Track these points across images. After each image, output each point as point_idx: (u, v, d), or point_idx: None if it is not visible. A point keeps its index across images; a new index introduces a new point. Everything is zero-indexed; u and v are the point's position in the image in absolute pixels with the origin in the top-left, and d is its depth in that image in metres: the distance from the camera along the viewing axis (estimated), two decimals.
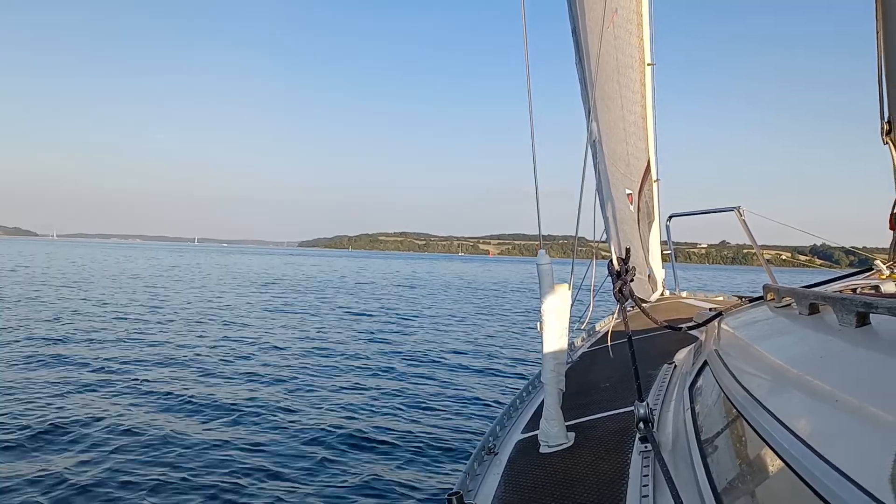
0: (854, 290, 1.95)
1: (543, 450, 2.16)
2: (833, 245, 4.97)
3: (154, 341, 11.03)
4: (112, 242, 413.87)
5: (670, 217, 6.33)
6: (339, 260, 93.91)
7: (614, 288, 2.33)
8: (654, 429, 1.79)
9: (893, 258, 2.73)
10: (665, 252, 6.89)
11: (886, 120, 2.59)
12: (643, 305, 2.53)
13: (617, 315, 2.67)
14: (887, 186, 2.70)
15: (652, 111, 6.03)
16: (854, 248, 4.42)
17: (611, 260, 2.45)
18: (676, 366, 2.72)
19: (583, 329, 4.76)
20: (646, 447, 1.73)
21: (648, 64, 5.79)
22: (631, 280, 2.36)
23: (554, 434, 2.17)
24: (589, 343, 4.50)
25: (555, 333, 2.28)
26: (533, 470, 2.02)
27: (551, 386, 2.24)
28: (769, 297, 1.86)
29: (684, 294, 6.99)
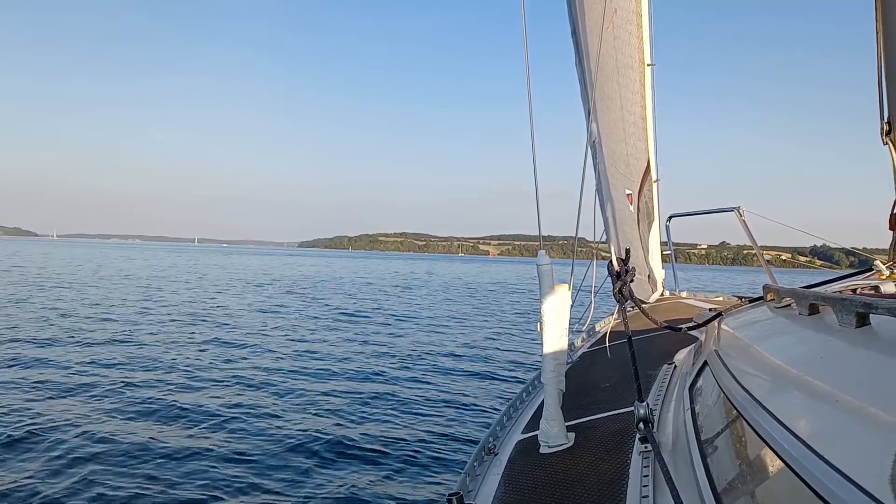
0: (854, 291, 1.95)
1: (543, 450, 2.16)
2: (833, 246, 4.96)
3: (139, 343, 10.68)
4: (112, 243, 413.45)
5: (670, 217, 6.33)
6: (339, 261, 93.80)
7: (614, 288, 2.34)
8: (654, 429, 1.79)
9: (893, 258, 2.73)
10: (665, 252, 6.89)
11: (886, 120, 2.59)
12: (643, 306, 2.53)
13: (617, 315, 2.68)
14: (887, 187, 2.70)
15: (652, 111, 6.04)
16: (854, 249, 4.41)
17: (610, 261, 2.45)
18: (676, 366, 2.72)
19: (583, 329, 4.76)
20: (646, 447, 1.73)
21: (648, 64, 5.80)
22: (631, 281, 2.36)
23: (554, 434, 2.17)
24: (589, 343, 4.50)
25: (555, 334, 2.28)
26: (533, 470, 2.02)
27: (551, 386, 2.24)
28: (769, 298, 1.86)
29: (684, 294, 7.00)
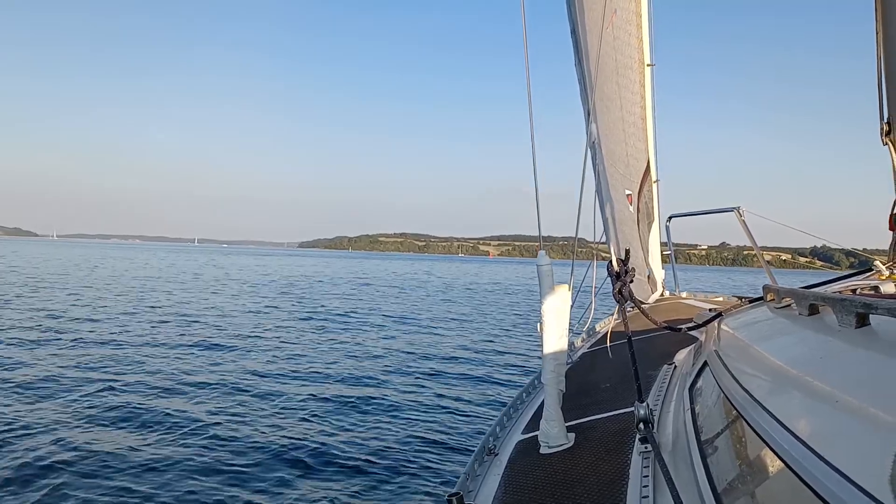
0: (854, 291, 1.95)
1: (543, 450, 2.16)
2: (833, 246, 4.96)
3: (122, 345, 10.47)
4: (112, 243, 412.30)
5: (670, 218, 6.33)
6: (338, 261, 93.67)
7: (614, 289, 2.34)
8: (654, 429, 1.79)
9: (893, 259, 2.73)
10: (665, 253, 6.89)
11: (886, 121, 2.59)
12: (643, 306, 2.54)
13: (617, 316, 2.68)
14: (887, 187, 2.70)
15: (651, 112, 6.04)
16: (854, 250, 4.41)
17: (610, 261, 2.46)
18: (676, 366, 2.72)
19: (583, 330, 4.76)
20: (646, 448, 1.73)
21: (648, 65, 5.79)
22: (630, 281, 2.36)
23: (554, 435, 2.17)
24: (589, 344, 4.50)
25: (555, 334, 2.28)
26: (533, 471, 2.02)
27: (551, 387, 2.24)
28: (769, 298, 1.86)
29: (684, 295, 6.99)
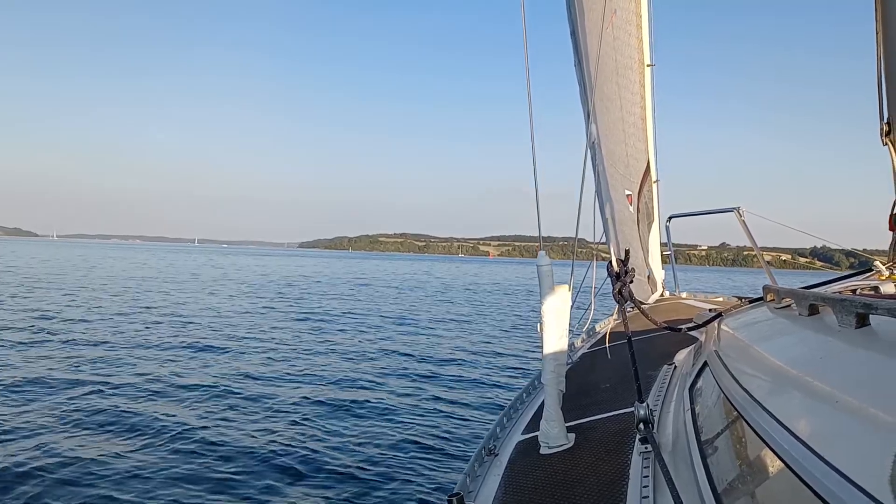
0: (854, 291, 1.95)
1: (544, 451, 2.16)
2: (833, 247, 4.96)
3: (113, 346, 10.25)
4: (112, 243, 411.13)
5: (670, 218, 6.33)
6: (338, 261, 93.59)
7: (614, 289, 2.34)
8: (655, 430, 1.79)
9: (893, 259, 2.73)
10: (665, 253, 6.89)
11: (886, 121, 2.59)
12: (643, 307, 2.54)
13: (616, 316, 2.68)
14: (887, 187, 2.70)
15: (651, 112, 6.04)
16: (854, 250, 4.41)
17: (610, 261, 2.46)
18: (676, 367, 2.72)
19: (583, 330, 4.76)
20: (646, 448, 1.73)
21: (648, 65, 5.80)
22: (630, 281, 2.36)
23: (554, 435, 2.17)
24: (589, 344, 4.50)
25: (555, 334, 2.28)
26: (533, 471, 2.02)
27: (551, 387, 2.24)
28: (769, 298, 1.86)
29: (684, 295, 6.99)
